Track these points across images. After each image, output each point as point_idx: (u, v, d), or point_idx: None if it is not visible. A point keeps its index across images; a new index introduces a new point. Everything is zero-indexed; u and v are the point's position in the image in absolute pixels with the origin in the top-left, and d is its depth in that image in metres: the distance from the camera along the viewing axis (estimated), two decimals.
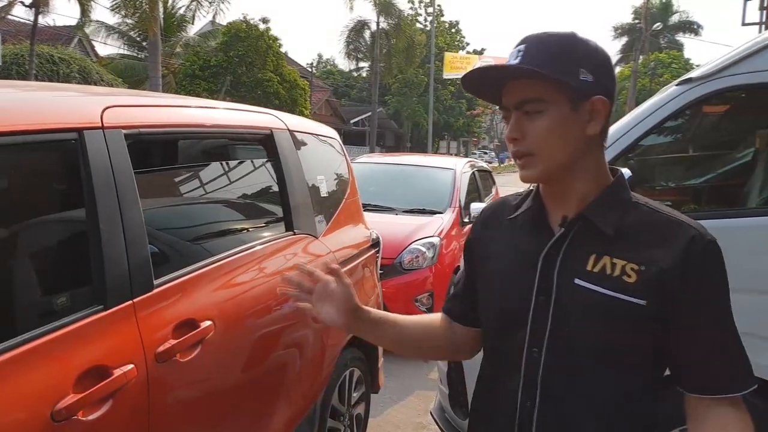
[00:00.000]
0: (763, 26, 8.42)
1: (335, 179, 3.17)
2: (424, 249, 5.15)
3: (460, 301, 1.32)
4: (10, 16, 17.17)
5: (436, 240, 5.27)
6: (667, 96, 2.65)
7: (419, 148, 38.59)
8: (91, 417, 1.44)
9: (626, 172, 2.35)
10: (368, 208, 5.68)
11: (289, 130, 2.69)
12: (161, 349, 1.69)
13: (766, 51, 2.41)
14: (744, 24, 9.01)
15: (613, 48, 41.60)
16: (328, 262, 1.26)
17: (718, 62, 2.56)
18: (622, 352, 1.05)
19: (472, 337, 1.30)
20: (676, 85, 2.68)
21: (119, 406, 1.53)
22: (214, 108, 2.36)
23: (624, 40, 41.03)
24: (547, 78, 1.03)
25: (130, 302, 1.65)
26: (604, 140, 1.12)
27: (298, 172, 2.65)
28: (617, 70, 37.30)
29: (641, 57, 33.50)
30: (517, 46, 1.09)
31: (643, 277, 1.03)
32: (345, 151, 3.38)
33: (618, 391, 1.06)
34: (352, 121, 40.04)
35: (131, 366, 1.58)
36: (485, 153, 56.20)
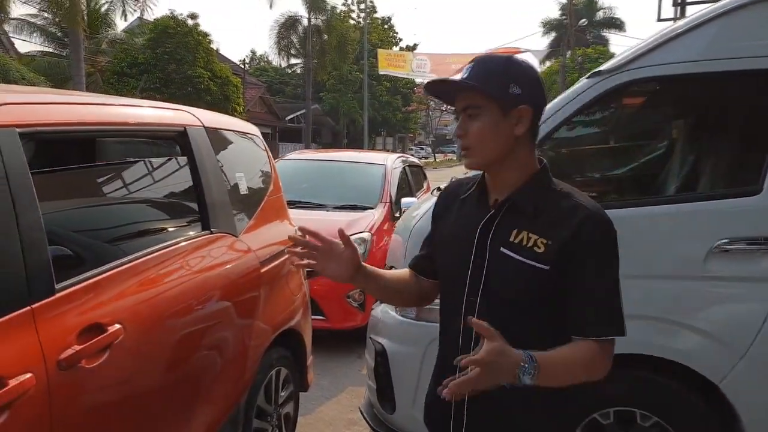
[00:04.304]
0: (677, 21, 8.86)
1: (256, 176, 3.12)
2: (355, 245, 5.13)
3: (425, 259, 1.64)
4: None
5: (367, 236, 5.28)
6: (577, 89, 2.72)
7: (356, 144, 38.49)
8: None
9: None
10: (299, 204, 5.62)
11: (204, 126, 2.62)
12: (64, 355, 1.63)
13: (666, 46, 2.53)
14: (659, 20, 9.41)
15: (542, 44, 42.84)
16: (341, 229, 1.50)
17: (624, 56, 2.66)
18: (534, 302, 1.38)
19: (433, 287, 1.62)
20: (586, 78, 2.76)
21: (16, 417, 1.46)
22: (123, 105, 2.28)
23: (553, 35, 42.19)
24: (481, 91, 1.36)
25: (27, 308, 1.58)
26: (533, 139, 1.43)
27: (215, 170, 2.60)
28: (547, 65, 38.55)
29: (569, 52, 34.52)
30: (469, 63, 1.41)
31: (549, 248, 1.34)
32: (266, 147, 3.33)
33: (534, 332, 1.36)
34: (287, 118, 39.57)
35: (29, 375, 1.51)
36: (422, 149, 56.70)
